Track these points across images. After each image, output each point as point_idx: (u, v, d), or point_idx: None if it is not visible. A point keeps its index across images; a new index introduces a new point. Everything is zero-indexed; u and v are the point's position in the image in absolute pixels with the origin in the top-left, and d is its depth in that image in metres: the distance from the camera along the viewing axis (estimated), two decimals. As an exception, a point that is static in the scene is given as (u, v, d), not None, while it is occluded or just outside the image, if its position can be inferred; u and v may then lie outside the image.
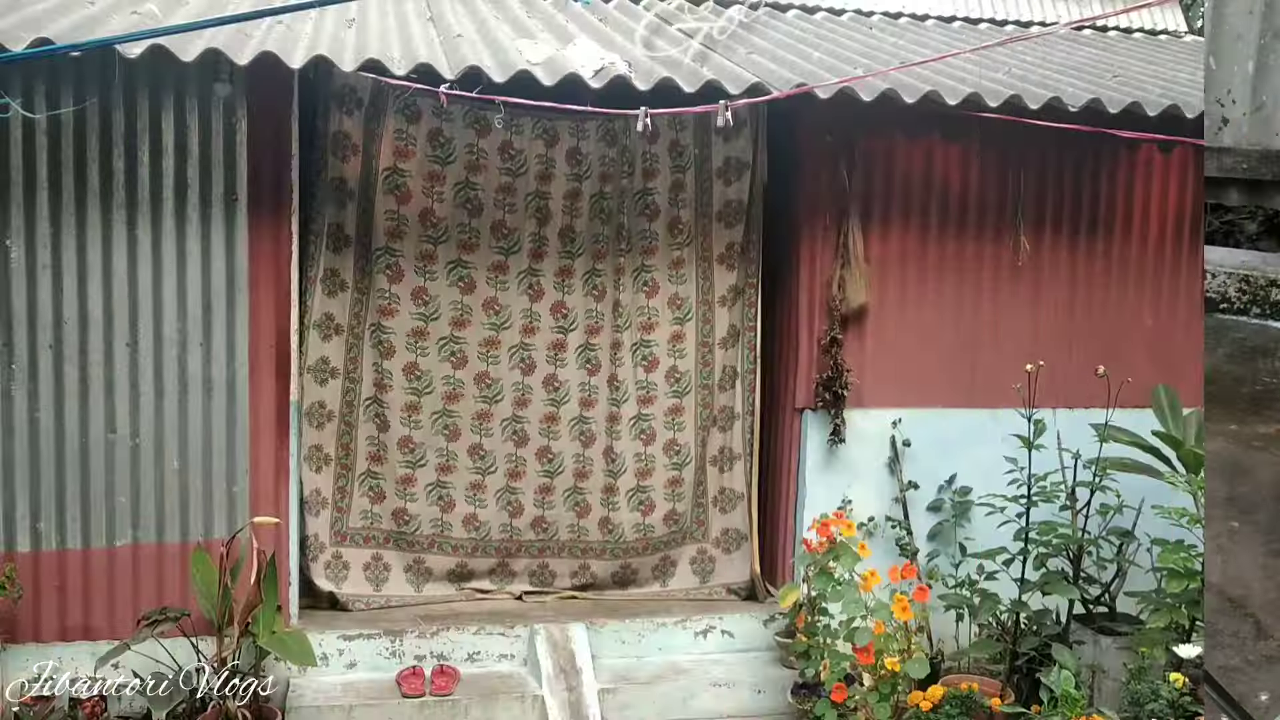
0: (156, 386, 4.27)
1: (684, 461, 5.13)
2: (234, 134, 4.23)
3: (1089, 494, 4.79)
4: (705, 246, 5.05)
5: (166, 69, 4.05)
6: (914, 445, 5.12)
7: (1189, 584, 4.27)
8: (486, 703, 4.43)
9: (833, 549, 4.40)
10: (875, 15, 6.72)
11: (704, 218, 5.02)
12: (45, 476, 4.21)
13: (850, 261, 4.91)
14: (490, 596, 5.09)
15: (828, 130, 4.84)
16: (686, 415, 5.11)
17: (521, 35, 4.75)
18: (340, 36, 4.38)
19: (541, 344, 4.98)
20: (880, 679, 4.19)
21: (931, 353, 5.12)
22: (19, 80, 3.99)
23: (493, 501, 5.03)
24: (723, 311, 5.09)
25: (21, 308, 4.12)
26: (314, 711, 4.28)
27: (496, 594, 5.10)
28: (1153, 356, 5.36)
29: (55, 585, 4.26)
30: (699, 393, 5.11)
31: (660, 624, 4.92)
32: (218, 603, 4.12)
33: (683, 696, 4.64)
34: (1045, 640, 4.60)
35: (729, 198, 5.01)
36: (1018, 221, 5.12)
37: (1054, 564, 4.68)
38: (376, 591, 4.95)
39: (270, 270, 4.37)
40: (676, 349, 5.08)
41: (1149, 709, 4.09)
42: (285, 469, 4.49)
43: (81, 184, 4.12)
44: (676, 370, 5.09)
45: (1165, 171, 5.31)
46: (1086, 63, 5.64)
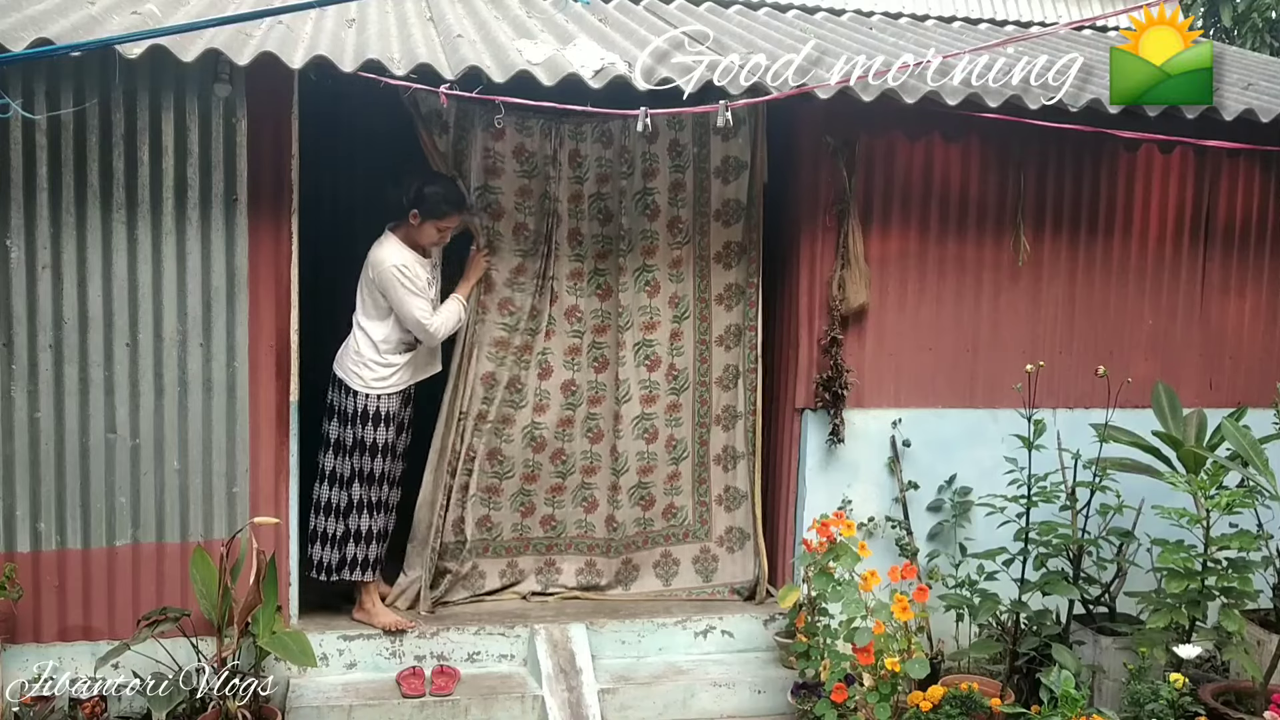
0: (156, 386, 4.27)
1: (681, 456, 5.14)
2: (234, 134, 4.23)
3: (1089, 494, 4.80)
4: (703, 245, 5.05)
5: (166, 69, 4.06)
6: (914, 445, 5.12)
7: (1189, 584, 4.27)
8: (486, 703, 4.43)
9: (833, 549, 4.40)
10: (875, 15, 6.73)
11: (701, 216, 5.03)
12: (45, 476, 4.21)
13: (850, 261, 4.91)
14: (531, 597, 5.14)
15: (827, 130, 4.84)
16: (684, 412, 5.13)
17: (521, 35, 4.75)
18: (340, 36, 4.39)
19: (612, 342, 5.10)
20: (880, 679, 4.19)
21: (931, 353, 5.12)
22: (19, 80, 3.99)
23: (507, 505, 5.08)
24: (720, 310, 5.09)
25: (21, 308, 4.12)
26: (314, 712, 4.28)
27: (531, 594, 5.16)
28: (1152, 356, 5.37)
29: (55, 585, 4.26)
30: (696, 389, 5.12)
31: (660, 624, 4.93)
32: (218, 603, 4.12)
33: (683, 697, 4.64)
34: (1045, 640, 4.60)
35: (727, 197, 5.01)
36: (1018, 221, 5.12)
37: (1054, 564, 4.68)
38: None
39: (270, 270, 4.37)
40: (675, 347, 5.08)
41: (1149, 709, 4.09)
42: (285, 469, 4.49)
43: (81, 184, 4.12)
44: (674, 368, 5.10)
45: (1165, 171, 5.31)
46: (1086, 63, 5.62)
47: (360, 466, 4.66)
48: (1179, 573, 4.30)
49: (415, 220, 4.57)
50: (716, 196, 5.02)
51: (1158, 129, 4.62)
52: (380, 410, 4.62)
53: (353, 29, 4.58)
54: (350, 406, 4.61)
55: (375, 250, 4.57)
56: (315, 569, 4.73)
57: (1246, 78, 5.51)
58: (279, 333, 4.41)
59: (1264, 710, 4.19)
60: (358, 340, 4.61)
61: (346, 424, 4.63)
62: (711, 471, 5.20)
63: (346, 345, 4.66)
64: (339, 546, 4.69)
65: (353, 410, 4.61)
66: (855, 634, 4.23)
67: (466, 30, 4.76)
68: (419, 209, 4.54)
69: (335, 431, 4.66)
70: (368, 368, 4.60)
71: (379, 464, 4.67)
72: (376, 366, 4.61)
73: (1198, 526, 4.39)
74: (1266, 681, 4.33)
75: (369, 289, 4.59)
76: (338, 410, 4.65)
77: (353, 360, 4.61)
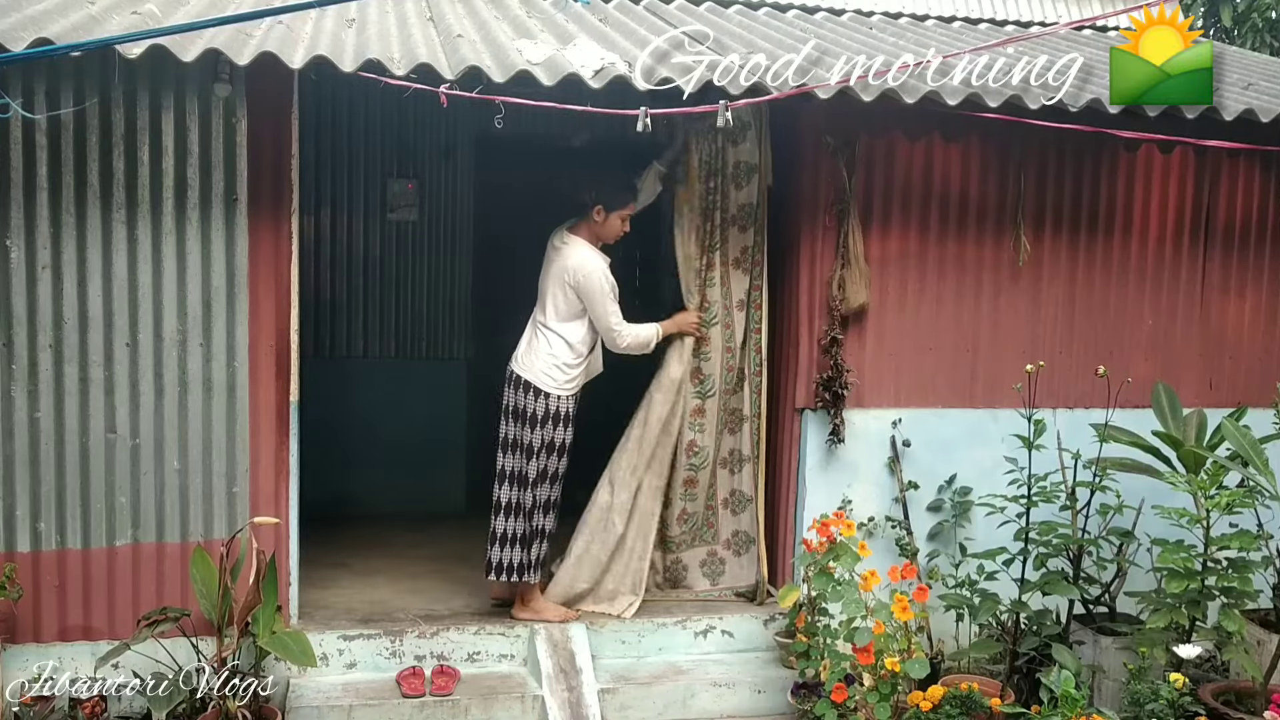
0: (156, 386, 4.27)
1: (701, 464, 5.11)
2: (234, 134, 4.23)
3: (1089, 494, 4.80)
4: (724, 251, 5.04)
5: (166, 69, 4.05)
6: (914, 445, 5.12)
7: (1189, 584, 4.27)
8: (486, 703, 4.43)
9: (833, 549, 4.40)
10: (875, 15, 6.73)
11: (725, 223, 5.02)
12: (45, 476, 4.21)
13: (850, 261, 4.91)
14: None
15: (828, 130, 4.84)
16: (708, 418, 5.09)
17: (521, 35, 4.75)
18: (340, 36, 4.39)
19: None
20: (880, 679, 4.19)
21: (931, 352, 5.12)
22: (19, 80, 3.99)
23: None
24: (740, 315, 5.09)
25: (21, 308, 4.12)
26: (314, 711, 4.28)
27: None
28: (1152, 356, 5.37)
29: (55, 585, 4.26)
30: (721, 396, 5.10)
31: (660, 624, 4.92)
32: (218, 603, 4.12)
33: (683, 696, 4.64)
34: (1045, 640, 4.60)
35: (741, 201, 5.00)
36: (1018, 221, 5.12)
37: (1054, 564, 4.68)
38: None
39: (270, 270, 4.36)
40: (703, 352, 5.06)
41: (1149, 709, 4.09)
42: (285, 469, 4.49)
43: (81, 184, 4.12)
44: (701, 373, 5.08)
45: (1165, 171, 5.31)
46: (1086, 63, 5.62)
47: (546, 467, 4.73)
48: (1179, 573, 4.30)
49: (600, 216, 4.72)
50: (733, 201, 5.01)
51: (1158, 129, 4.62)
52: (566, 411, 4.72)
53: (353, 29, 4.58)
54: (540, 408, 4.68)
55: (571, 255, 4.68)
56: (499, 571, 4.75)
57: (1246, 78, 5.51)
58: (279, 333, 4.41)
59: (1264, 710, 4.19)
60: (550, 343, 4.69)
61: (535, 425, 4.69)
62: (718, 475, 5.19)
63: (532, 349, 4.73)
64: (526, 548, 4.74)
65: (543, 412, 4.68)
66: (855, 634, 4.23)
67: (466, 30, 4.76)
68: (603, 204, 4.69)
69: (521, 433, 4.72)
70: (560, 370, 4.69)
71: (563, 464, 4.77)
72: (569, 368, 4.71)
73: (1198, 526, 4.39)
74: (1266, 681, 4.34)
75: (564, 292, 4.68)
76: (526, 413, 4.69)
77: (544, 363, 4.68)
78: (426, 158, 6.77)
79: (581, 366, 4.77)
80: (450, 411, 6.87)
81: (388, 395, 6.75)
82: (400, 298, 6.83)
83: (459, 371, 6.93)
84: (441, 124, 6.68)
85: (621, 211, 4.75)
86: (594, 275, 4.63)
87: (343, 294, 6.74)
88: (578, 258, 4.66)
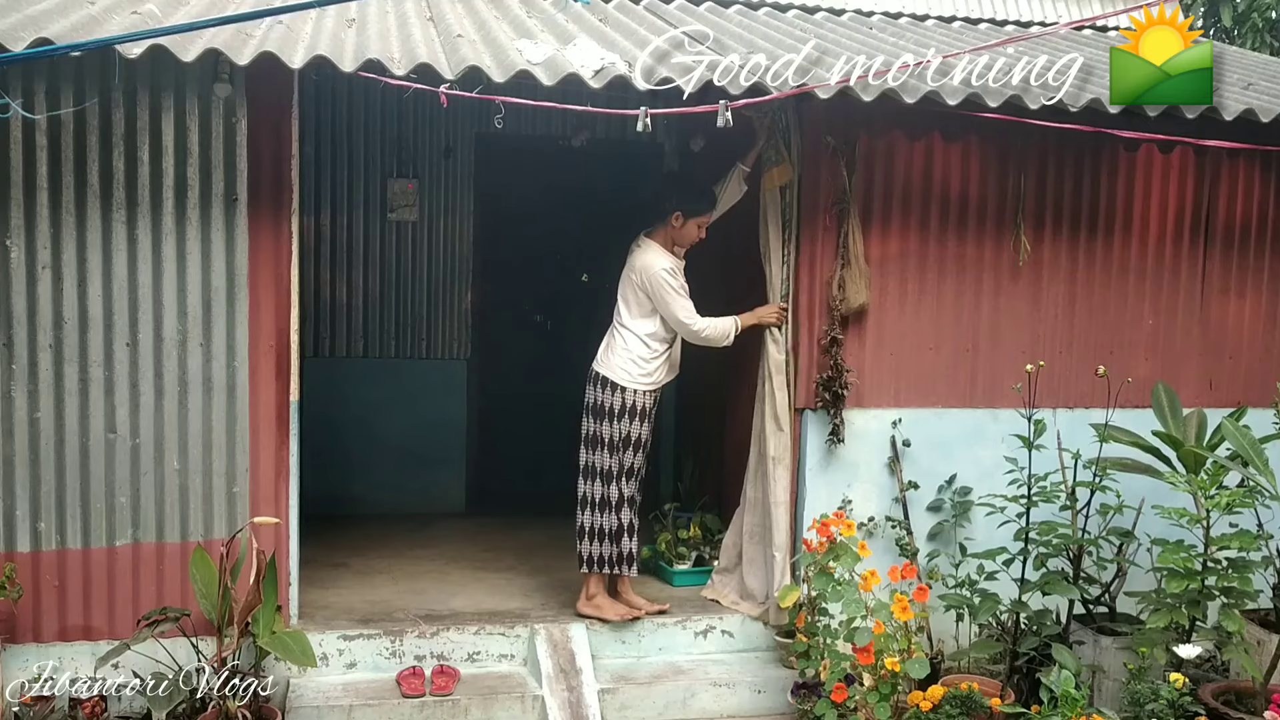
0: (156, 386, 4.27)
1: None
2: (234, 134, 4.23)
3: (1089, 494, 4.80)
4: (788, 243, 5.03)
5: (166, 69, 4.06)
6: (914, 445, 5.12)
7: (1189, 584, 4.27)
8: (486, 703, 4.43)
9: (833, 549, 4.40)
10: (875, 15, 6.73)
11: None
12: (45, 476, 4.21)
13: (850, 261, 4.91)
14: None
15: (828, 130, 4.84)
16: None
17: (522, 35, 4.75)
18: (340, 36, 4.39)
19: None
20: (880, 679, 4.19)
21: (931, 352, 5.12)
22: (19, 80, 3.99)
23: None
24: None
25: (21, 308, 4.12)
26: (314, 711, 4.28)
27: None
28: (1153, 356, 5.37)
29: (55, 585, 4.26)
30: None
31: (660, 624, 4.92)
32: (218, 603, 4.12)
33: (683, 696, 4.64)
34: (1045, 640, 4.59)
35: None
36: (1018, 221, 5.12)
37: (1054, 564, 4.68)
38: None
39: (270, 270, 4.36)
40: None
41: (1149, 709, 4.09)
42: (285, 469, 4.49)
43: (81, 184, 4.12)
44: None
45: (1165, 171, 5.31)
46: (1086, 63, 5.62)
47: (625, 461, 4.85)
48: (1179, 573, 4.30)
49: (678, 222, 4.84)
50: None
51: (1158, 129, 4.62)
52: (642, 406, 4.83)
53: (353, 29, 4.58)
54: (618, 402, 4.80)
55: (641, 256, 4.82)
56: (590, 564, 4.88)
57: (1246, 78, 5.51)
58: (279, 333, 4.41)
59: (1264, 710, 4.19)
60: (625, 339, 4.83)
61: (614, 420, 4.82)
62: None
63: (610, 346, 4.88)
64: (615, 541, 4.84)
65: (620, 406, 4.80)
66: (855, 634, 4.23)
67: (466, 30, 4.76)
68: (682, 210, 4.82)
69: (600, 428, 4.84)
70: (636, 364, 4.81)
71: (640, 459, 4.88)
72: (644, 362, 4.82)
73: (1198, 526, 4.39)
74: (1266, 681, 4.33)
75: (633, 292, 4.83)
76: (605, 408, 4.82)
77: (621, 358, 4.82)
78: (426, 158, 6.78)
79: (657, 362, 4.85)
80: (450, 411, 6.88)
81: (388, 395, 6.76)
82: (400, 298, 6.84)
83: (459, 371, 6.93)
84: (441, 124, 6.69)
85: (699, 219, 4.86)
86: (657, 274, 4.73)
87: (343, 294, 6.75)
88: (644, 259, 4.79)
